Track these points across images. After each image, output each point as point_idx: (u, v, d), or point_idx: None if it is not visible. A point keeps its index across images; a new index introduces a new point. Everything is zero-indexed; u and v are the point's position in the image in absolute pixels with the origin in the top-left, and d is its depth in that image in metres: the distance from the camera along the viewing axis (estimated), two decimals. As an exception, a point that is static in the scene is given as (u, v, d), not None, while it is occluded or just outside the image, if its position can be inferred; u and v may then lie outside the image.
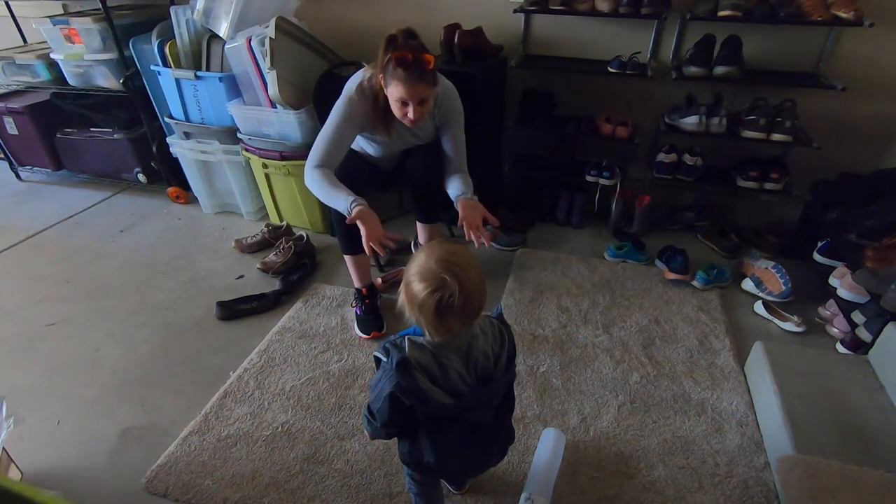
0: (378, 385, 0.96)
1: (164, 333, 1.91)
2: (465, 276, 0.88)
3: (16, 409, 1.57)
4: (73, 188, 3.00)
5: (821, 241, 2.09)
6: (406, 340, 0.94)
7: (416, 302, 0.89)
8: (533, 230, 2.56)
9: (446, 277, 0.87)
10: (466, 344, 0.95)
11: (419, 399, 0.92)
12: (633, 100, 2.45)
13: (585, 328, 1.91)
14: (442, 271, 0.87)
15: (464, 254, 0.92)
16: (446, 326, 0.90)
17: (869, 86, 2.17)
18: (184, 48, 2.31)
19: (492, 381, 0.98)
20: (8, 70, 2.78)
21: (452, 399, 0.93)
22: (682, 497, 1.35)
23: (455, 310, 0.87)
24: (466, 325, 0.93)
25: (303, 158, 2.23)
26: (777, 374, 1.53)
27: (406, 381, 0.90)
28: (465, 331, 0.94)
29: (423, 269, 0.90)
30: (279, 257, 2.21)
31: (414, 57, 1.47)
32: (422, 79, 1.51)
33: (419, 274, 0.90)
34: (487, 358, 0.97)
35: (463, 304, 0.87)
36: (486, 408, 1.01)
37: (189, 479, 1.38)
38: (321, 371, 1.72)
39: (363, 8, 2.58)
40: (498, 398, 1.03)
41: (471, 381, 0.96)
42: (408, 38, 1.50)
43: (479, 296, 0.91)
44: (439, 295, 0.86)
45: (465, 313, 0.89)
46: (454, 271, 0.87)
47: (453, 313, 0.88)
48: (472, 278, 0.90)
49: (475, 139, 2.15)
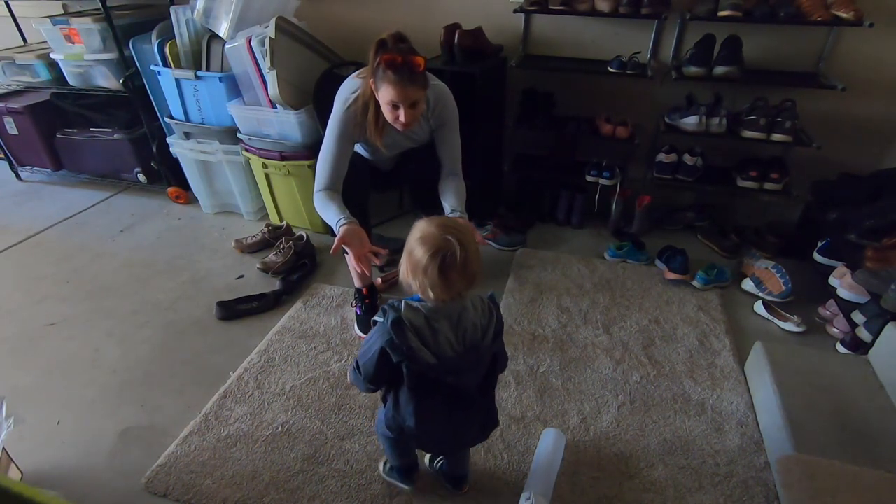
0: (370, 340, 1.03)
1: (164, 333, 1.91)
2: (464, 238, 0.97)
3: (16, 409, 1.57)
4: (73, 188, 3.00)
5: (821, 241, 2.09)
6: (403, 303, 1.01)
7: (421, 265, 0.96)
8: (533, 230, 2.56)
9: (449, 237, 0.95)
10: (458, 313, 1.02)
11: (407, 357, 0.98)
12: (633, 100, 2.45)
13: (585, 328, 1.91)
14: (444, 234, 0.96)
15: (459, 221, 1.03)
16: (448, 284, 0.96)
17: (869, 86, 2.16)
18: (184, 48, 2.30)
19: (478, 349, 1.04)
20: (8, 70, 2.78)
21: (437, 361, 1.00)
22: (682, 497, 1.35)
23: (457, 267, 0.95)
24: (466, 287, 1.00)
25: (303, 158, 2.25)
26: (777, 374, 1.53)
27: (398, 339, 0.97)
28: (460, 300, 1.01)
29: (426, 234, 0.98)
30: (279, 257, 2.21)
31: (403, 59, 1.48)
32: (412, 81, 1.51)
33: (422, 239, 0.98)
34: (476, 329, 1.04)
35: (463, 262, 0.95)
36: (470, 373, 1.08)
37: (189, 479, 1.38)
38: (321, 371, 1.72)
39: (363, 8, 2.58)
40: (483, 367, 1.10)
41: (458, 348, 1.02)
42: (398, 42, 1.51)
43: (476, 259, 0.99)
44: (442, 254, 0.95)
45: (465, 272, 0.97)
46: (454, 234, 0.96)
47: (455, 271, 0.95)
48: (470, 241, 0.99)
49: (475, 139, 2.15)
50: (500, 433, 1.51)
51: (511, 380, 1.69)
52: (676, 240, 2.34)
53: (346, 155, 1.72)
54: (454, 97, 1.76)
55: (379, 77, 1.52)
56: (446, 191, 1.78)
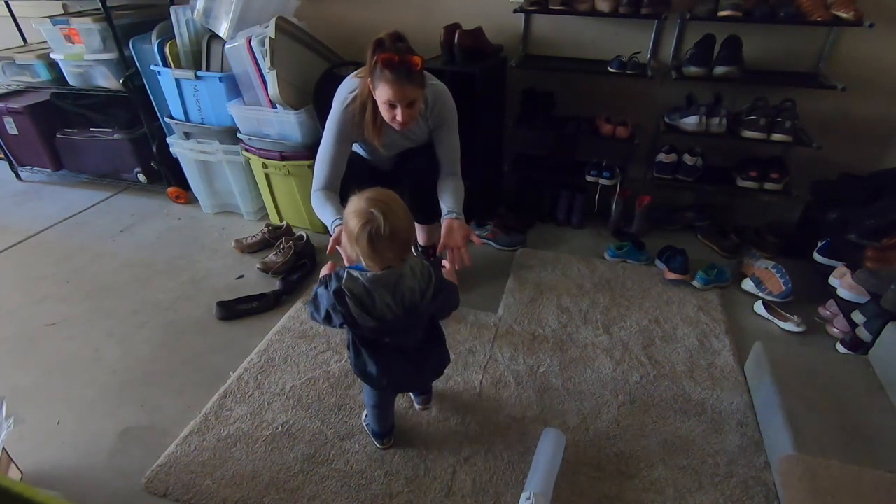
0: (322, 298, 1.15)
1: (164, 333, 1.91)
2: (391, 210, 1.07)
3: (16, 409, 1.57)
4: (73, 188, 3.01)
5: (821, 241, 2.09)
6: (346, 272, 1.11)
7: (353, 236, 1.07)
8: (533, 230, 2.56)
9: (374, 211, 1.05)
10: (395, 280, 1.11)
11: (347, 322, 1.12)
12: (633, 100, 2.45)
13: (585, 328, 1.91)
14: (370, 207, 1.06)
15: (389, 194, 1.11)
16: (380, 255, 1.07)
17: (869, 86, 2.16)
18: (184, 48, 2.31)
19: (416, 310, 1.14)
20: (8, 70, 2.78)
21: (377, 323, 1.11)
22: (682, 497, 1.35)
23: (384, 238, 1.05)
24: (399, 256, 1.10)
25: (303, 158, 2.25)
26: (777, 374, 1.53)
27: (340, 306, 1.10)
28: (396, 268, 1.11)
29: (356, 208, 1.08)
30: (279, 257, 2.21)
31: (401, 59, 1.48)
32: (409, 80, 1.51)
33: (353, 213, 1.08)
34: (413, 292, 1.13)
35: (391, 233, 1.05)
36: (408, 334, 1.20)
37: (189, 479, 1.38)
38: (321, 371, 1.72)
39: (363, 8, 2.58)
40: (421, 326, 1.23)
41: (397, 311, 1.12)
42: (395, 41, 1.51)
43: (406, 228, 1.10)
44: (370, 227, 1.05)
45: (395, 243, 1.07)
46: (381, 207, 1.06)
47: (382, 241, 1.05)
48: (398, 213, 1.08)
49: (475, 139, 2.15)
50: (500, 433, 1.51)
51: (511, 380, 1.69)
52: (676, 240, 2.34)
53: (343, 155, 1.72)
54: (454, 97, 1.76)
55: (376, 76, 1.52)
56: (444, 191, 1.78)
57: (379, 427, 1.45)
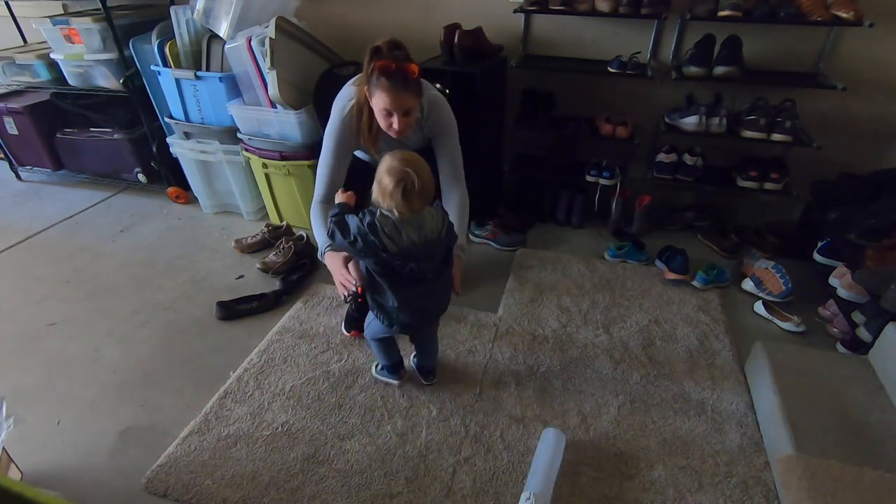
0: (352, 224, 1.32)
1: (164, 333, 1.91)
2: (420, 169, 1.27)
3: (16, 409, 1.57)
4: (73, 188, 3.01)
5: (821, 241, 2.09)
6: (378, 210, 1.30)
7: (388, 192, 1.26)
8: (533, 230, 2.56)
9: (408, 170, 1.25)
10: (420, 222, 1.31)
11: (374, 250, 1.29)
12: (633, 100, 2.45)
13: (585, 328, 1.91)
14: (404, 167, 1.26)
15: (415, 156, 1.31)
16: (411, 204, 1.27)
17: (869, 86, 2.16)
18: (184, 48, 2.31)
19: (434, 242, 1.34)
20: (8, 70, 2.78)
21: (401, 251, 1.30)
22: (682, 497, 1.35)
23: (416, 192, 1.26)
24: (424, 204, 1.30)
25: (303, 158, 2.25)
26: (777, 374, 1.53)
27: (372, 235, 1.28)
28: (420, 213, 1.30)
29: (390, 167, 1.27)
30: (279, 257, 2.21)
31: (397, 66, 1.48)
32: (405, 88, 1.50)
33: (388, 171, 1.27)
34: (433, 231, 1.34)
35: (420, 188, 1.26)
36: (428, 261, 1.36)
37: (189, 479, 1.38)
38: (321, 371, 1.72)
39: (363, 8, 2.58)
40: (439, 256, 1.40)
41: (419, 242, 1.31)
42: (392, 49, 1.50)
43: (431, 182, 1.30)
44: (404, 183, 1.25)
45: (422, 195, 1.28)
46: (412, 167, 1.26)
47: (415, 195, 1.26)
48: (425, 171, 1.29)
49: (475, 139, 2.15)
50: (500, 433, 1.51)
51: (511, 380, 1.69)
52: (676, 240, 2.34)
53: (343, 165, 1.73)
54: (454, 97, 1.75)
55: (373, 84, 1.52)
56: (449, 207, 1.76)
57: (391, 360, 1.62)
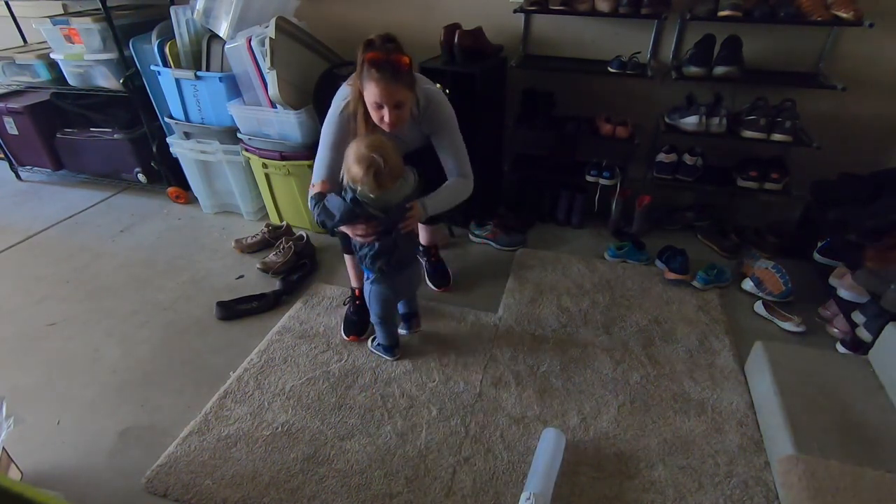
0: (333, 205, 1.45)
1: (164, 333, 1.91)
2: (387, 152, 1.37)
3: (16, 409, 1.57)
4: (73, 188, 3.01)
5: (821, 241, 2.09)
6: (358, 187, 1.40)
7: (359, 178, 1.38)
8: (533, 230, 2.56)
9: (374, 156, 1.36)
10: (394, 192, 1.44)
11: (364, 214, 1.44)
12: (633, 100, 2.45)
13: (585, 328, 1.91)
14: (371, 152, 1.36)
15: (380, 138, 1.41)
16: (383, 185, 1.39)
17: (869, 86, 2.16)
18: (184, 48, 2.31)
19: (404, 202, 1.49)
20: (8, 70, 2.78)
21: (384, 214, 1.45)
22: (682, 497, 1.35)
23: (385, 174, 1.38)
24: (395, 180, 1.43)
25: (303, 158, 2.25)
26: (777, 374, 1.53)
27: (357, 208, 1.42)
28: (394, 187, 1.43)
29: (358, 155, 1.37)
30: (279, 257, 2.21)
31: (387, 58, 1.46)
32: (396, 80, 1.47)
33: (356, 160, 1.37)
34: (404, 196, 1.48)
35: (389, 170, 1.38)
36: (399, 214, 1.51)
37: (189, 479, 1.38)
38: (321, 371, 1.72)
39: (363, 8, 2.58)
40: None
41: (393, 206, 1.46)
42: (385, 42, 1.49)
43: (399, 162, 1.42)
44: (374, 168, 1.36)
45: (392, 175, 1.40)
46: (378, 152, 1.36)
47: (385, 176, 1.38)
48: (392, 152, 1.39)
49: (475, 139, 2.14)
50: (500, 433, 1.51)
51: (511, 380, 1.69)
52: (676, 240, 2.34)
53: (339, 159, 1.69)
54: (454, 97, 1.74)
55: (364, 76, 1.49)
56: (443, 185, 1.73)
57: (390, 342, 1.76)
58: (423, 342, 1.84)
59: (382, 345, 1.78)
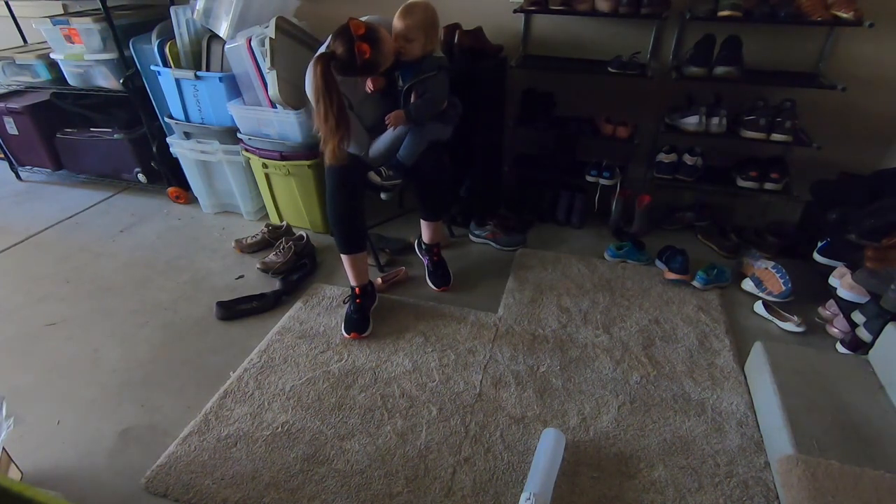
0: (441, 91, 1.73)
1: (164, 333, 1.91)
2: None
3: (16, 409, 1.58)
4: (73, 188, 3.01)
5: (821, 241, 2.08)
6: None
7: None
8: (533, 230, 2.56)
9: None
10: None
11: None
12: (633, 100, 2.45)
13: (585, 328, 1.91)
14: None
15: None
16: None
17: (869, 86, 2.16)
18: (184, 48, 2.31)
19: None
20: (8, 70, 2.78)
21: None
22: (682, 497, 1.35)
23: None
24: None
25: (303, 158, 2.25)
26: (777, 374, 1.53)
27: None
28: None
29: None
30: (279, 257, 2.21)
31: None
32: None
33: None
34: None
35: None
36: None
37: (189, 479, 1.38)
38: (321, 371, 1.72)
39: (363, 8, 2.56)
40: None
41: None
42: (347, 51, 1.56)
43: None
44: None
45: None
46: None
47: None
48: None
49: (475, 139, 2.15)
50: (500, 433, 1.51)
51: (511, 380, 1.69)
52: (676, 240, 2.34)
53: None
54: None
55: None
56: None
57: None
58: (424, 342, 1.84)
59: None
